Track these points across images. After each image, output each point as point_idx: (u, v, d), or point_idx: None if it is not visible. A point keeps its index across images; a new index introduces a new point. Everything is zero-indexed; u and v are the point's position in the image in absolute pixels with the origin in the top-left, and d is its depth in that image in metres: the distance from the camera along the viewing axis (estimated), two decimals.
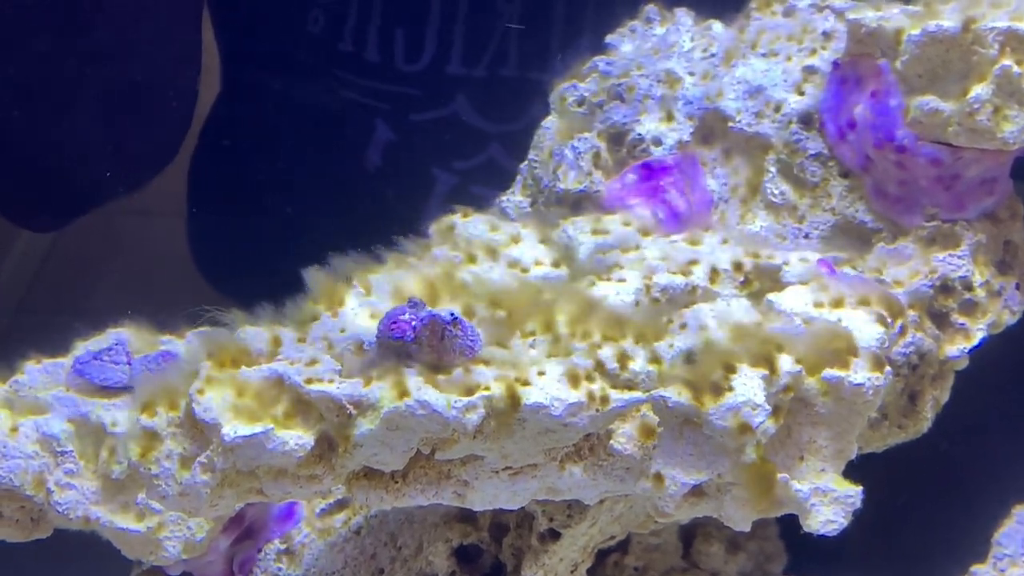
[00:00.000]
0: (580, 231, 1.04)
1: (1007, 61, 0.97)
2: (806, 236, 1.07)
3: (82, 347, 1.01)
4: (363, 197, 1.57)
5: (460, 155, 1.52)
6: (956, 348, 1.02)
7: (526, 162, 1.15)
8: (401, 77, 1.50)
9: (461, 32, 1.47)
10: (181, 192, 1.76)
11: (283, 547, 1.06)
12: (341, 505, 1.06)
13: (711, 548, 1.16)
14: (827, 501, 0.84)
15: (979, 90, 0.97)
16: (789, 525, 0.94)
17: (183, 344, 0.96)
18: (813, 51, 1.11)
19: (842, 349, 0.85)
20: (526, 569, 0.96)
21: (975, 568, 1.09)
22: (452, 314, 0.82)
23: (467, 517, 1.00)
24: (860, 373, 0.84)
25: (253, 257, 1.64)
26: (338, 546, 1.05)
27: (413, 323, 0.82)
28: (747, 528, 0.85)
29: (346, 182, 1.58)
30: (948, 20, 0.99)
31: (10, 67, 1.35)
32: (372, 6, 1.50)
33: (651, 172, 1.10)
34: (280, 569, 1.06)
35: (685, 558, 1.17)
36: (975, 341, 1.02)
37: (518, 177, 1.16)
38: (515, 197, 1.15)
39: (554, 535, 0.96)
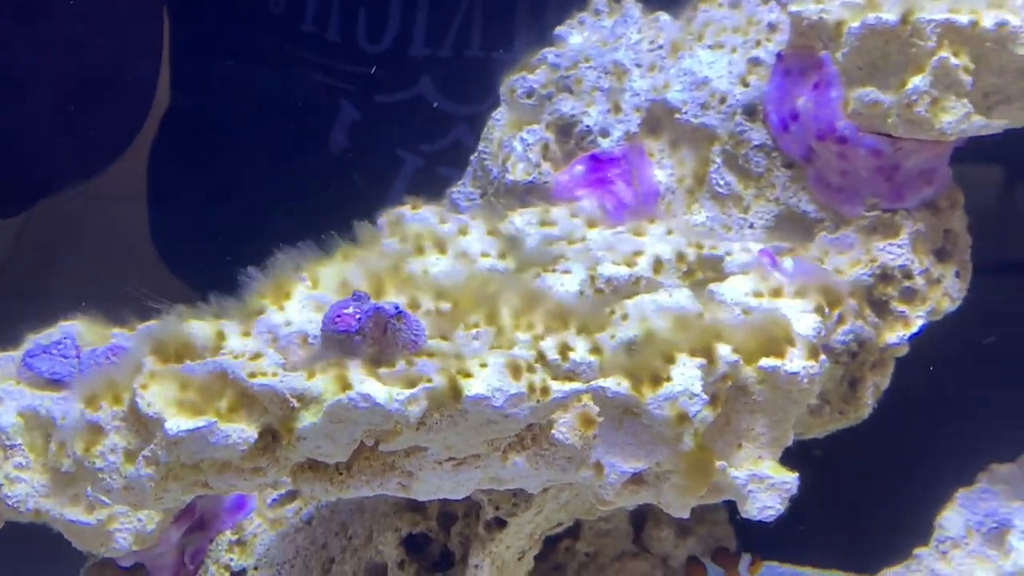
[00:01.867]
0: (527, 223, 1.04)
1: (944, 53, 0.98)
2: (751, 226, 1.08)
3: (32, 341, 1.01)
4: (328, 180, 1.56)
5: (426, 137, 1.52)
6: (896, 335, 1.03)
7: (476, 154, 1.16)
8: (365, 58, 1.50)
9: (424, 12, 1.47)
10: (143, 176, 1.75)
11: (235, 538, 1.07)
12: (292, 496, 1.07)
13: (661, 533, 1.17)
14: (764, 487, 0.85)
15: (917, 81, 0.98)
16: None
17: (132, 337, 0.96)
18: (758, 43, 1.12)
19: (779, 338, 0.86)
20: (473, 557, 0.97)
21: (918, 551, 1.11)
22: (396, 307, 0.83)
23: (416, 507, 1.00)
24: (796, 362, 0.85)
25: (216, 243, 1.63)
26: (289, 536, 1.05)
27: (357, 316, 0.82)
28: (686, 515, 0.86)
29: (311, 165, 1.58)
30: (887, 12, 0.99)
31: None
32: None
33: (598, 164, 1.11)
34: (232, 560, 1.06)
35: (636, 542, 1.18)
36: (914, 328, 1.03)
37: (468, 168, 1.17)
38: (465, 188, 1.16)
39: (500, 523, 0.97)
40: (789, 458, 0.88)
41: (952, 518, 1.11)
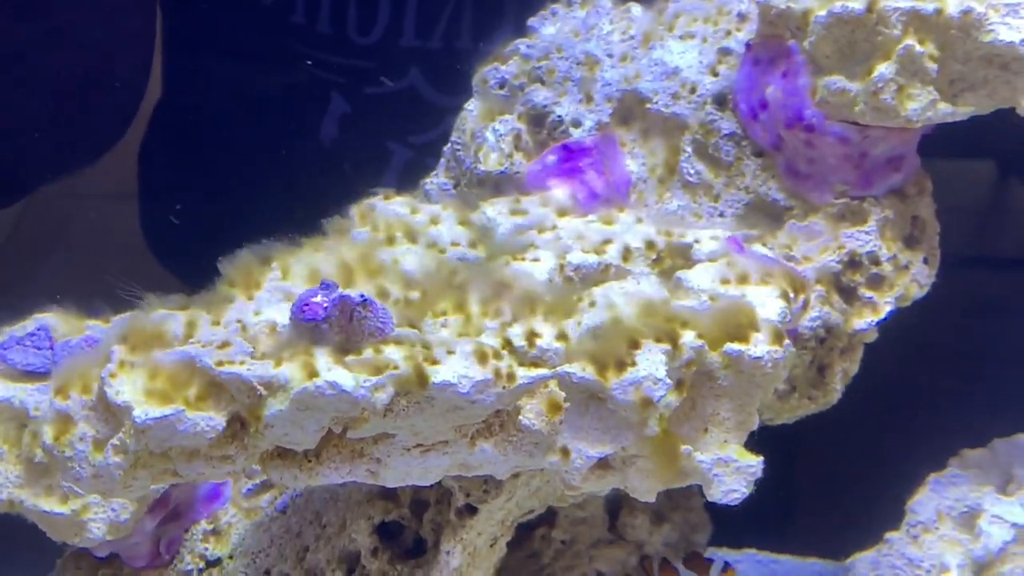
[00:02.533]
0: (499, 212, 1.05)
1: (910, 40, 0.98)
2: (721, 214, 1.08)
3: (6, 332, 1.01)
4: (318, 172, 1.56)
5: (416, 129, 1.52)
6: (864, 321, 1.04)
7: (449, 144, 1.16)
8: (355, 50, 1.50)
9: (414, 4, 1.47)
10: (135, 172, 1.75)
11: (210, 527, 1.07)
12: (267, 485, 1.07)
13: (636, 520, 1.18)
14: (729, 471, 0.85)
15: (883, 69, 0.99)
16: None
17: (106, 330, 0.96)
18: (728, 33, 1.13)
19: (744, 324, 0.86)
20: (445, 544, 0.98)
21: (889, 535, 1.12)
22: (362, 296, 0.83)
23: (388, 494, 1.01)
24: (760, 347, 0.85)
25: (206, 237, 1.63)
26: (264, 525, 1.05)
27: (324, 305, 0.83)
28: (652, 499, 0.86)
29: (301, 158, 1.58)
30: (853, 1, 1.00)
31: None
32: None
33: (570, 153, 1.11)
34: (207, 549, 1.06)
35: (611, 530, 1.19)
36: (882, 314, 1.04)
37: (442, 160, 1.17)
38: (439, 178, 1.17)
39: (471, 510, 0.98)
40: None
41: (923, 502, 1.12)
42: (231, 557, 1.06)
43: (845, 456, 1.40)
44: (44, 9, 1.38)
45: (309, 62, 1.53)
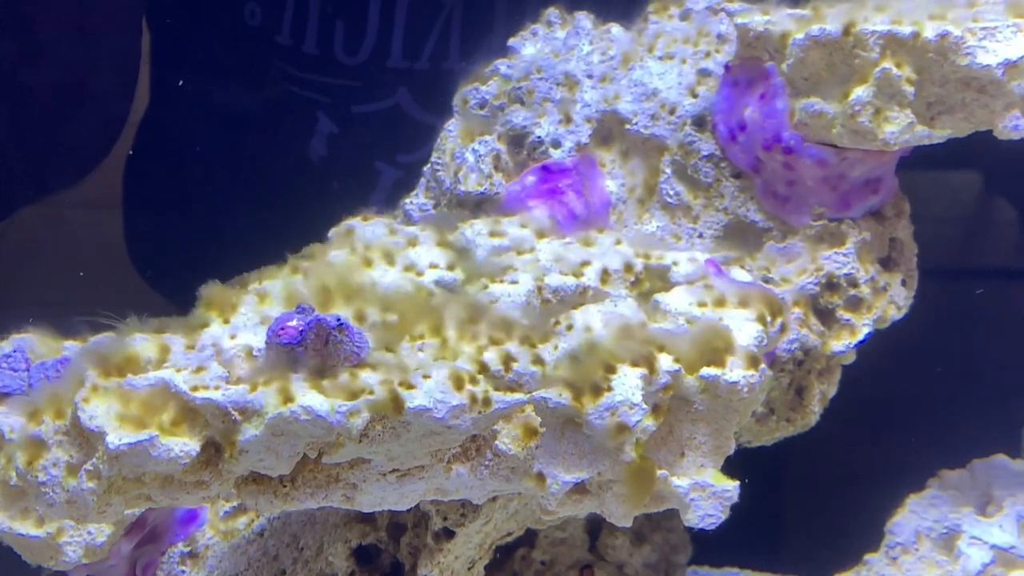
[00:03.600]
0: (478, 234, 1.05)
1: (887, 64, 0.99)
2: (700, 236, 1.09)
3: None
4: (305, 192, 1.56)
5: (404, 149, 1.52)
6: (842, 343, 1.04)
7: (428, 164, 1.16)
8: (342, 70, 1.50)
9: (402, 25, 1.47)
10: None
11: (187, 550, 1.06)
12: (244, 508, 1.07)
13: (616, 541, 1.18)
14: (706, 496, 0.85)
15: (860, 92, 0.99)
16: None
17: (79, 352, 0.96)
18: (707, 54, 1.13)
19: (720, 348, 0.86)
20: (422, 568, 0.97)
21: (868, 557, 1.12)
22: (338, 319, 0.83)
23: (366, 518, 1.00)
24: (735, 371, 0.85)
25: (190, 255, 1.63)
26: (241, 548, 1.05)
27: (300, 328, 0.83)
28: (628, 524, 0.86)
29: (286, 177, 1.58)
30: (830, 24, 1.01)
31: None
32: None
33: (550, 174, 1.11)
34: (184, 572, 1.06)
35: (592, 551, 1.18)
36: (860, 336, 1.04)
37: (421, 180, 1.17)
38: (419, 199, 1.16)
39: (448, 534, 0.97)
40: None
41: (902, 523, 1.12)
42: None
43: (825, 476, 1.40)
44: (32, 26, 1.38)
45: (295, 82, 1.52)
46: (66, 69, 1.40)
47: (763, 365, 0.86)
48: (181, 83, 1.61)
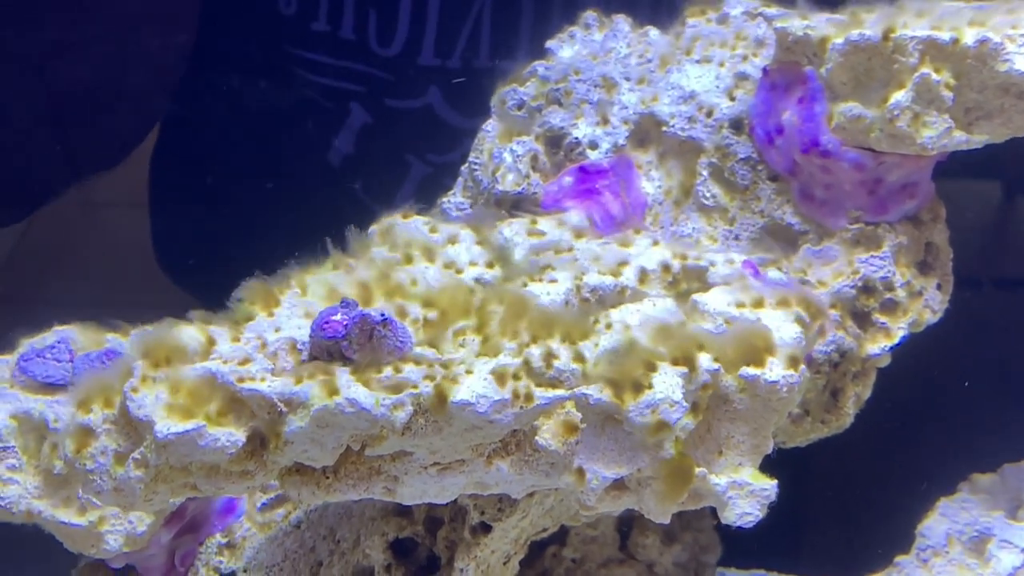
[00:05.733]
0: (516, 233, 1.05)
1: (926, 69, 0.99)
2: (736, 238, 1.09)
3: (27, 344, 1.02)
4: (337, 182, 1.56)
5: (434, 148, 1.52)
6: (877, 346, 1.04)
7: (466, 164, 1.17)
8: (376, 60, 1.50)
9: (434, 22, 1.47)
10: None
11: (224, 541, 1.07)
12: (282, 500, 1.08)
13: (647, 539, 1.18)
14: (743, 494, 0.85)
15: (899, 97, 0.99)
16: None
17: (126, 342, 0.97)
18: (745, 57, 1.14)
19: (760, 348, 0.87)
20: (459, 561, 0.98)
21: (899, 559, 1.12)
22: (382, 315, 0.84)
23: (403, 511, 1.01)
24: (775, 371, 0.86)
25: (218, 251, 1.63)
26: (278, 540, 1.06)
27: (344, 323, 0.84)
28: (667, 520, 0.87)
29: (319, 168, 1.58)
30: (870, 29, 1.01)
31: None
32: None
33: (587, 175, 1.12)
34: (221, 562, 1.07)
35: (622, 549, 1.19)
36: (896, 339, 1.04)
37: (459, 179, 1.18)
38: (456, 198, 1.17)
39: (486, 528, 0.98)
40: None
41: (934, 527, 1.12)
42: (245, 571, 1.06)
43: (857, 479, 1.40)
44: (58, 23, 1.38)
45: (329, 71, 1.53)
46: (92, 67, 1.40)
47: (803, 366, 0.87)
48: (208, 74, 1.61)
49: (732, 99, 1.11)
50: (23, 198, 1.53)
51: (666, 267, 1.00)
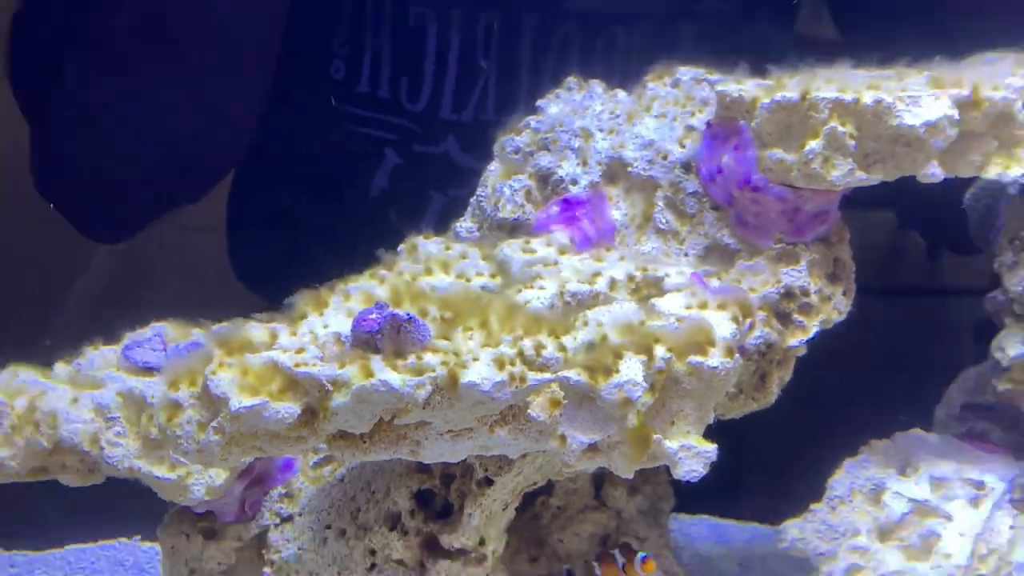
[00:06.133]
0: (513, 251, 1.05)
1: (834, 123, 0.99)
2: (686, 255, 1.09)
3: (129, 337, 1.02)
4: (376, 211, 1.56)
5: (451, 184, 1.52)
6: (796, 340, 1.04)
7: (475, 196, 1.17)
8: (405, 113, 1.50)
9: (452, 83, 1.48)
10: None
11: (284, 491, 1.07)
12: (329, 459, 1.07)
13: (616, 491, 1.18)
14: (691, 455, 0.85)
15: (813, 144, 1.00)
16: None
17: (207, 336, 0.97)
18: (693, 114, 1.13)
19: (703, 341, 0.87)
20: (468, 508, 0.98)
21: (813, 506, 1.11)
22: (408, 314, 0.84)
23: (423, 468, 1.01)
24: (716, 359, 0.85)
25: (282, 263, 1.62)
26: (326, 491, 1.06)
27: (378, 321, 0.84)
28: (630, 476, 0.87)
29: (363, 200, 1.58)
30: (791, 92, 1.01)
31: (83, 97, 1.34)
32: (380, 59, 1.50)
33: (569, 205, 1.12)
34: (282, 508, 1.07)
35: (596, 499, 1.18)
36: (811, 334, 1.04)
37: (469, 208, 1.18)
38: (466, 223, 1.17)
39: (489, 482, 0.98)
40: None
41: (840, 481, 1.12)
42: (300, 515, 1.06)
43: (780, 444, 1.39)
44: (173, 84, 1.38)
45: (370, 123, 1.53)
46: (199, 108, 1.39)
47: (737, 355, 0.86)
48: (279, 123, 1.61)
49: (683, 146, 1.11)
50: (132, 221, 1.53)
51: (631, 277, 0.99)
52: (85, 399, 0.94)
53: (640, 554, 1.06)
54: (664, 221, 1.10)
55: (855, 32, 1.40)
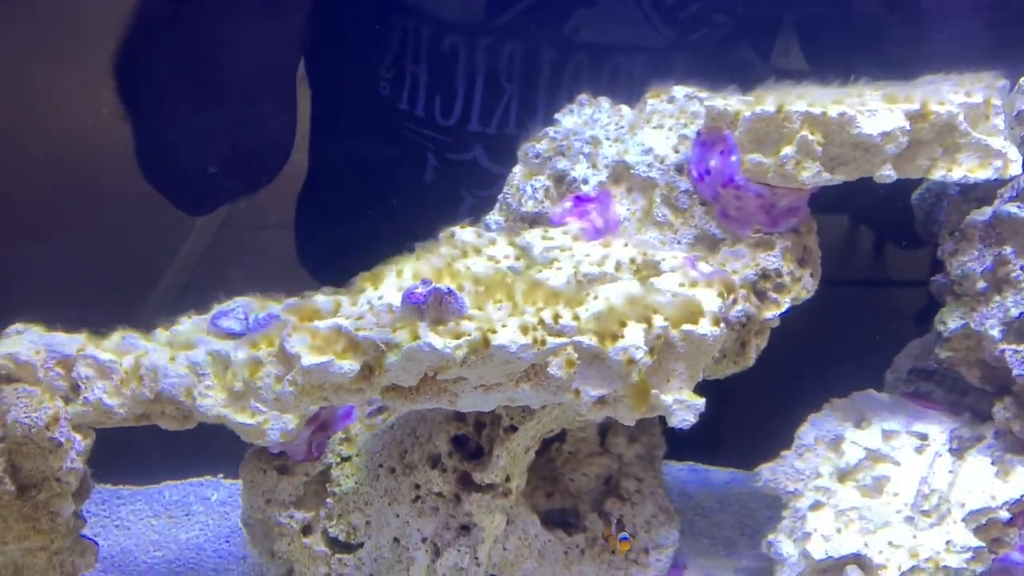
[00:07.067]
0: (534, 238, 1.05)
1: (805, 132, 0.98)
2: (679, 243, 1.08)
3: (217, 308, 1.02)
4: (417, 208, 1.57)
5: (478, 187, 1.52)
6: (771, 313, 1.03)
7: (502, 194, 1.17)
8: (441, 128, 1.50)
9: (479, 101, 1.47)
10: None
11: (344, 436, 1.07)
12: (381, 409, 1.07)
13: (618, 439, 1.17)
14: (683, 408, 0.85)
15: (787, 150, 0.99)
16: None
17: (281, 307, 0.97)
18: (686, 125, 1.12)
19: (695, 312, 0.87)
20: (496, 451, 0.98)
21: (784, 453, 1.11)
22: (448, 289, 0.84)
23: (460, 416, 1.01)
24: (705, 327, 0.85)
25: (343, 251, 1.62)
26: (379, 436, 1.06)
27: (424, 294, 0.84)
28: (632, 423, 0.87)
29: (410, 197, 1.58)
30: (768, 106, 1.00)
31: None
32: (418, 81, 1.50)
33: (581, 201, 1.11)
34: (342, 450, 1.07)
35: (601, 446, 1.18)
36: (784, 308, 1.03)
37: (496, 204, 1.17)
38: (495, 216, 1.16)
39: (513, 429, 0.98)
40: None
41: (806, 432, 1.11)
42: (358, 455, 1.06)
43: (757, 400, 1.39)
44: (244, 97, 1.39)
45: (412, 133, 1.53)
46: (259, 113, 1.42)
47: (723, 324, 0.86)
48: (338, 137, 1.61)
49: (677, 152, 1.10)
50: (210, 201, 1.55)
51: (633, 260, 0.99)
52: (181, 358, 0.94)
53: (622, 534, 1.06)
54: (661, 215, 1.09)
55: (820, 65, 1.39)
